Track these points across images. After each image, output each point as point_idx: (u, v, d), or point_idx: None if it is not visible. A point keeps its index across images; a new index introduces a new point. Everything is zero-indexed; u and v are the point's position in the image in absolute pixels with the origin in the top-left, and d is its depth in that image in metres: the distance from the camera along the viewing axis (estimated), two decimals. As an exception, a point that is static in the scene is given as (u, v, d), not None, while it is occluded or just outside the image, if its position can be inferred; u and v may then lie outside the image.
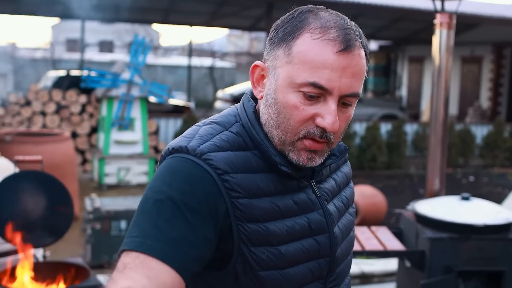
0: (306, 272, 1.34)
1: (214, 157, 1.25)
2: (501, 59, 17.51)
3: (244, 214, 1.25)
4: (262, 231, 1.26)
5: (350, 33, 1.26)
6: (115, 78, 8.44)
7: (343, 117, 1.29)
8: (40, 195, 3.34)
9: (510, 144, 12.66)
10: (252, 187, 1.27)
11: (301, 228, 1.32)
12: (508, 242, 3.61)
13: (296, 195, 1.34)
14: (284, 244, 1.29)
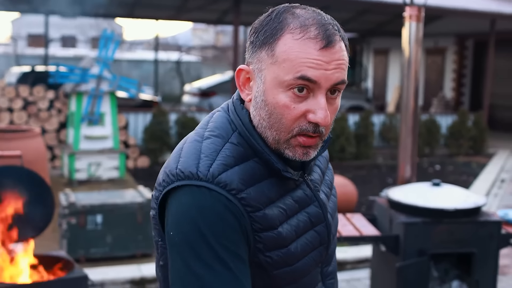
0: (310, 262, 1.43)
1: (226, 179, 1.29)
2: (464, 50, 17.88)
3: (261, 225, 1.31)
4: (275, 236, 1.33)
5: (329, 29, 1.31)
6: (84, 73, 8.40)
7: (331, 109, 1.34)
8: (20, 190, 3.36)
9: (474, 133, 12.97)
10: (262, 198, 1.32)
11: (304, 224, 1.40)
12: (477, 225, 3.75)
13: (294, 193, 1.40)
14: (293, 243, 1.37)
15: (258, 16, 1.42)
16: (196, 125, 8.17)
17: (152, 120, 10.46)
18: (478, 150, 13.10)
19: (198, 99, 14.63)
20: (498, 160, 12.32)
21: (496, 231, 3.80)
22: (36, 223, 3.37)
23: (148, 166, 10.13)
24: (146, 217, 5.52)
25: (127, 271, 5.13)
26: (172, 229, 1.29)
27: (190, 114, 11.05)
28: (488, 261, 3.82)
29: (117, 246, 5.46)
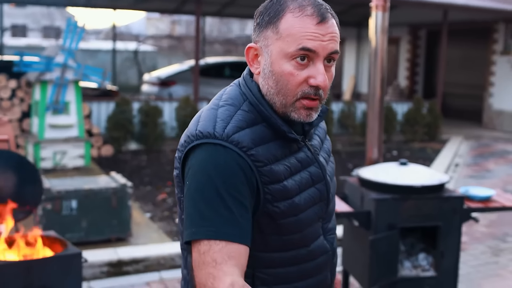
0: (312, 215, 1.66)
1: (238, 138, 1.51)
2: (417, 40, 18.35)
3: (269, 178, 1.54)
4: (282, 188, 1.56)
5: (322, 8, 1.56)
6: (48, 62, 8.42)
7: (328, 76, 1.58)
8: (9, 173, 3.47)
9: (428, 120, 13.37)
10: (269, 156, 1.55)
11: (306, 181, 1.63)
12: (442, 200, 4.03)
13: (297, 154, 1.64)
14: (297, 195, 1.60)
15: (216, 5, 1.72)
16: (159, 113, 8.32)
17: (115, 109, 10.52)
18: (432, 136, 13.49)
19: (158, 89, 14.66)
20: (451, 146, 12.77)
21: (459, 206, 4.08)
22: (26, 204, 3.48)
23: (111, 155, 10.19)
24: (120, 202, 5.64)
25: (104, 254, 5.26)
26: (189, 180, 1.52)
27: (153, 103, 11.14)
28: (452, 233, 4.11)
29: (92, 230, 5.58)
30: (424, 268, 4.21)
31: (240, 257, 1.46)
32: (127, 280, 5.05)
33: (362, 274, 4.08)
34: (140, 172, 9.12)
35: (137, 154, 10.69)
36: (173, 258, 5.42)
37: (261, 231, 1.57)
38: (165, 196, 7.70)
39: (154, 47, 26.22)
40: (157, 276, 5.15)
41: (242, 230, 1.48)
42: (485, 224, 7.13)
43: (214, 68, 15.72)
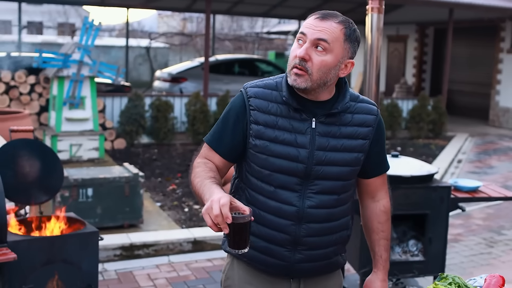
0: (284, 166, 2.12)
1: (249, 89, 2.18)
2: (425, 38, 18.55)
3: (253, 119, 2.14)
4: (259, 130, 2.13)
5: (332, 13, 2.09)
6: (65, 59, 8.82)
7: (317, 58, 2.05)
8: (34, 160, 3.83)
9: (433, 117, 13.56)
10: (263, 107, 2.14)
11: (288, 139, 2.11)
12: (430, 189, 4.35)
13: (295, 122, 2.12)
14: (272, 143, 2.12)
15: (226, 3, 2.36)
16: (169, 108, 8.78)
17: (128, 104, 10.90)
18: (437, 133, 13.69)
19: (169, 85, 14.99)
20: (456, 143, 12.97)
21: (446, 195, 4.39)
22: (49, 188, 3.85)
23: (124, 148, 10.59)
24: (132, 190, 6.01)
25: (117, 239, 5.63)
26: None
27: (164, 99, 11.51)
28: (439, 221, 4.42)
29: (106, 217, 5.95)
30: (414, 253, 4.53)
31: (213, 158, 2.20)
32: (138, 263, 5.43)
33: (354, 258, 4.40)
34: (151, 165, 9.51)
35: (149, 147, 11.08)
36: (181, 243, 5.78)
37: (249, 158, 2.17)
38: (175, 187, 8.07)
39: (165, 44, 26.57)
40: (166, 260, 5.52)
41: (220, 141, 2.19)
42: (482, 217, 7.41)
43: (224, 65, 16.04)
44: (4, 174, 3.45)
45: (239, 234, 1.90)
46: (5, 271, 3.26)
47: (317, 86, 2.09)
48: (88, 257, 3.55)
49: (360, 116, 2.20)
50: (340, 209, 2.22)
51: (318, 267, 2.24)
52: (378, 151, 2.28)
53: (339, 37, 2.07)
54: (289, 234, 2.14)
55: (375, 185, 2.35)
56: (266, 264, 2.20)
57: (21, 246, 3.30)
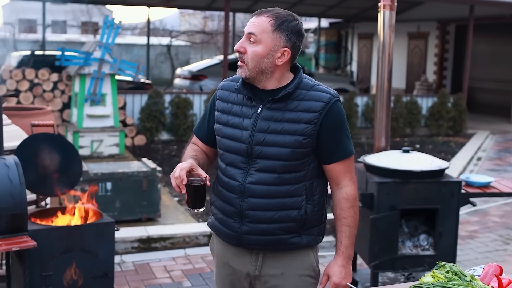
0: (231, 145, 2.43)
1: (221, 83, 2.55)
2: (446, 34, 18.47)
3: (217, 107, 2.51)
4: (219, 117, 2.49)
5: (266, 10, 2.36)
6: (87, 57, 9.01)
7: (250, 50, 2.33)
8: (54, 153, 3.98)
9: (453, 114, 13.52)
10: (224, 96, 2.49)
11: (236, 123, 2.42)
12: (440, 184, 4.41)
13: (244, 108, 2.42)
14: (224, 126, 2.45)
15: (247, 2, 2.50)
16: (189, 105, 8.95)
17: (148, 101, 11.07)
18: (457, 130, 13.64)
19: (189, 82, 15.13)
20: (476, 140, 12.90)
21: (457, 190, 4.45)
22: (68, 180, 3.99)
23: (144, 144, 10.76)
24: (150, 184, 6.15)
25: (135, 231, 5.78)
26: None
27: (184, 96, 11.66)
28: (450, 216, 4.49)
29: (125, 210, 6.10)
30: (424, 247, 4.60)
31: (198, 143, 2.59)
32: (155, 255, 5.57)
33: (365, 252, 4.48)
34: (170, 161, 9.66)
35: (168, 143, 11.24)
36: (197, 237, 5.91)
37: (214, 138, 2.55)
38: (194, 183, 8.18)
39: (187, 42, 26.76)
40: (183, 253, 5.65)
41: (200, 129, 2.59)
42: (499, 215, 7.42)
43: (244, 62, 16.11)
44: (26, 167, 3.60)
45: (194, 195, 2.27)
46: (26, 258, 3.41)
47: (255, 75, 2.37)
48: (104, 246, 3.69)
49: (307, 103, 2.36)
50: (284, 188, 2.38)
51: (264, 241, 2.41)
52: (332, 137, 2.39)
53: (266, 29, 2.32)
54: (235, 207, 2.42)
55: (335, 171, 2.44)
56: (224, 234, 2.49)
57: (41, 234, 3.45)
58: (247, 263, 2.49)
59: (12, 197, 3.30)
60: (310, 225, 2.44)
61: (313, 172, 2.43)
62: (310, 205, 2.42)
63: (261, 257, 2.46)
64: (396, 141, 12.04)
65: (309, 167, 2.41)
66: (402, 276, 5.05)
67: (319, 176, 2.46)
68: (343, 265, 2.45)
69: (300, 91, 2.39)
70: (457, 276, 2.14)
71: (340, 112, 2.41)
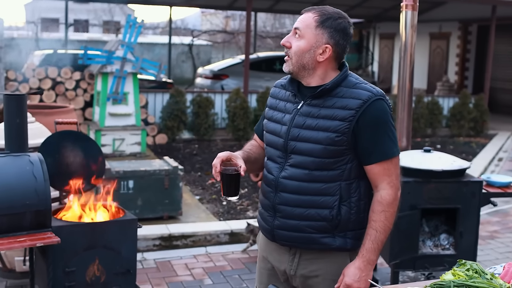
0: (272, 140, 2.49)
1: (276, 82, 2.63)
2: (468, 35, 18.34)
3: (268, 104, 2.59)
4: (266, 112, 2.58)
5: (313, 7, 2.39)
6: (109, 56, 9.09)
7: (294, 44, 2.37)
8: (77, 150, 4.04)
9: (475, 115, 13.42)
10: (275, 93, 2.57)
11: (278, 118, 2.48)
12: (461, 184, 4.40)
13: (288, 104, 2.47)
14: (269, 121, 2.54)
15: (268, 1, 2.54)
16: (210, 105, 9.04)
17: (169, 100, 11.14)
18: (479, 131, 13.54)
19: (211, 82, 15.19)
20: (497, 141, 12.80)
21: (478, 190, 4.44)
22: (91, 178, 4.05)
23: (165, 143, 10.83)
24: (172, 183, 6.20)
25: (156, 229, 5.83)
26: None
27: (205, 95, 11.72)
28: (471, 215, 4.47)
29: (147, 208, 6.16)
30: (445, 247, 4.59)
31: (257, 140, 2.69)
32: (176, 253, 5.61)
33: (385, 251, 4.47)
34: (192, 159, 9.72)
35: (189, 142, 11.30)
36: (218, 235, 5.95)
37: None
38: (214, 181, 8.24)
39: (208, 42, 26.84)
40: (203, 251, 5.69)
41: (258, 125, 2.68)
42: (520, 215, 7.38)
43: (265, 62, 16.16)
44: (50, 164, 3.65)
45: (227, 183, 2.33)
46: (49, 254, 3.47)
47: (298, 70, 2.39)
48: (127, 243, 3.73)
49: (345, 100, 2.33)
50: (315, 186, 2.36)
51: (294, 238, 2.42)
52: (370, 137, 2.32)
53: (310, 24, 2.35)
54: (269, 200, 2.46)
55: (373, 173, 2.36)
56: (261, 227, 2.55)
57: (64, 231, 3.50)
58: (284, 261, 2.50)
59: (36, 193, 3.35)
60: (345, 227, 2.38)
61: (351, 172, 2.36)
62: (346, 206, 2.36)
63: (298, 258, 2.46)
64: (417, 141, 11.99)
65: (345, 166, 2.35)
66: (423, 275, 5.05)
67: (360, 178, 2.39)
68: (360, 268, 2.35)
69: (341, 88, 2.36)
70: (477, 274, 2.15)
71: (381, 111, 2.32)
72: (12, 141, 3.49)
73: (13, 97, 3.49)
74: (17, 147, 3.49)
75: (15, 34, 24.28)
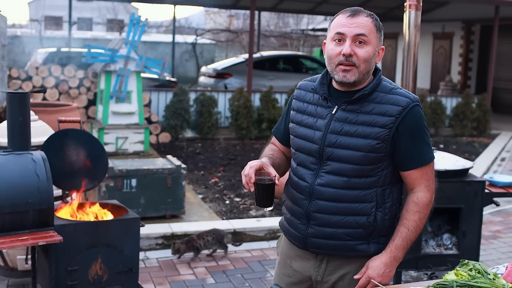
0: (303, 146, 2.42)
1: (299, 83, 2.56)
2: (471, 35, 18.31)
3: (293, 106, 2.52)
4: (294, 116, 2.49)
5: (357, 9, 2.32)
6: (113, 54, 9.10)
7: (361, 51, 2.28)
8: (80, 149, 4.04)
9: (477, 114, 13.41)
10: (301, 96, 2.50)
11: (310, 123, 2.41)
12: (464, 184, 4.40)
13: (319, 108, 2.41)
14: (298, 125, 2.46)
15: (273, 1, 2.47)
16: (214, 103, 9.04)
17: (173, 98, 11.15)
18: (481, 131, 13.54)
19: (214, 80, 15.18)
20: (500, 141, 12.79)
21: (481, 190, 4.44)
22: (94, 176, 4.05)
23: (168, 141, 10.84)
24: (175, 181, 6.20)
25: (159, 228, 5.83)
26: None
27: (208, 94, 11.72)
28: (473, 215, 4.47)
29: (149, 207, 6.16)
30: (447, 246, 4.59)
31: (275, 143, 2.64)
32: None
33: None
34: (195, 158, 9.72)
35: (193, 141, 11.31)
36: (221, 233, 5.94)
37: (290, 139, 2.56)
38: (217, 180, 8.25)
39: (212, 40, 26.84)
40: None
41: (278, 129, 2.63)
42: (523, 215, 7.37)
43: (268, 61, 16.15)
44: (53, 162, 3.65)
45: (261, 193, 2.27)
46: (52, 252, 3.48)
47: (363, 77, 2.33)
48: (130, 242, 3.73)
49: (383, 106, 2.30)
50: (353, 193, 2.33)
51: (330, 246, 2.37)
52: (409, 143, 2.31)
53: (372, 29, 2.31)
54: (302, 208, 2.41)
55: (412, 178, 2.37)
56: (290, 235, 2.49)
57: (67, 229, 3.50)
58: (310, 267, 2.47)
59: (39, 192, 3.35)
60: (379, 233, 2.38)
61: (386, 178, 2.36)
62: (381, 212, 2.35)
63: (325, 264, 2.44)
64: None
65: (382, 173, 2.34)
66: (425, 275, 5.04)
67: (393, 183, 2.39)
68: (386, 263, 2.33)
69: (377, 93, 2.34)
70: (480, 274, 2.15)
71: (418, 118, 2.33)
72: (15, 139, 3.50)
73: (16, 95, 3.49)
74: (20, 145, 3.49)
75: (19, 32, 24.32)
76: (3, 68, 8.70)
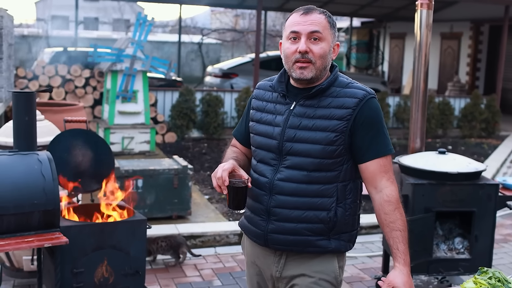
0: (263, 142, 2.44)
1: (258, 83, 2.59)
2: (479, 35, 18.20)
3: (252, 105, 2.55)
4: (253, 114, 2.52)
5: (310, 7, 2.35)
6: (119, 53, 9.04)
7: (316, 48, 2.31)
8: (86, 149, 3.98)
9: (486, 115, 13.33)
10: (260, 95, 2.53)
11: (269, 120, 2.44)
12: (477, 187, 4.32)
13: (278, 105, 2.44)
14: (257, 123, 2.49)
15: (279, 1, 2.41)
16: (220, 103, 8.98)
17: (179, 98, 11.09)
18: (490, 132, 13.46)
19: (220, 80, 15.13)
20: (509, 142, 12.65)
21: (494, 193, 4.35)
22: (100, 176, 3.99)
23: (174, 141, 10.78)
24: (181, 182, 6.13)
25: (165, 229, 5.76)
26: None
27: (215, 94, 11.66)
28: (486, 219, 4.39)
29: (155, 208, 6.09)
30: (459, 251, 4.51)
31: (236, 145, 2.65)
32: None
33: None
34: (201, 158, 9.66)
35: (199, 141, 11.25)
36: (228, 235, 5.88)
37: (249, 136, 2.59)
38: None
39: (218, 40, 26.79)
40: (213, 251, 5.63)
41: (238, 130, 2.65)
42: (534, 218, 7.28)
43: (274, 61, 16.06)
44: (59, 163, 3.59)
45: (234, 196, 2.29)
46: (57, 254, 3.41)
47: (319, 73, 2.35)
48: (136, 244, 3.67)
49: (341, 99, 2.35)
50: (314, 187, 2.34)
51: (290, 241, 2.37)
52: (366, 134, 2.33)
53: (326, 26, 2.34)
54: (262, 204, 2.41)
55: (371, 171, 2.35)
56: (251, 233, 2.49)
57: (72, 231, 3.44)
58: (270, 264, 2.48)
59: (44, 193, 3.29)
60: (340, 229, 2.38)
61: (346, 173, 2.37)
62: (341, 208, 2.36)
63: (284, 259, 2.44)
64: (428, 142, 11.88)
65: (342, 167, 2.35)
66: (436, 279, 4.96)
67: (354, 179, 2.41)
68: (409, 275, 2.31)
69: (334, 88, 2.38)
70: (500, 282, 2.08)
71: (375, 109, 2.36)
72: (20, 139, 3.44)
73: (22, 94, 3.43)
74: (26, 145, 3.44)
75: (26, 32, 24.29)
76: (10, 67, 8.65)
